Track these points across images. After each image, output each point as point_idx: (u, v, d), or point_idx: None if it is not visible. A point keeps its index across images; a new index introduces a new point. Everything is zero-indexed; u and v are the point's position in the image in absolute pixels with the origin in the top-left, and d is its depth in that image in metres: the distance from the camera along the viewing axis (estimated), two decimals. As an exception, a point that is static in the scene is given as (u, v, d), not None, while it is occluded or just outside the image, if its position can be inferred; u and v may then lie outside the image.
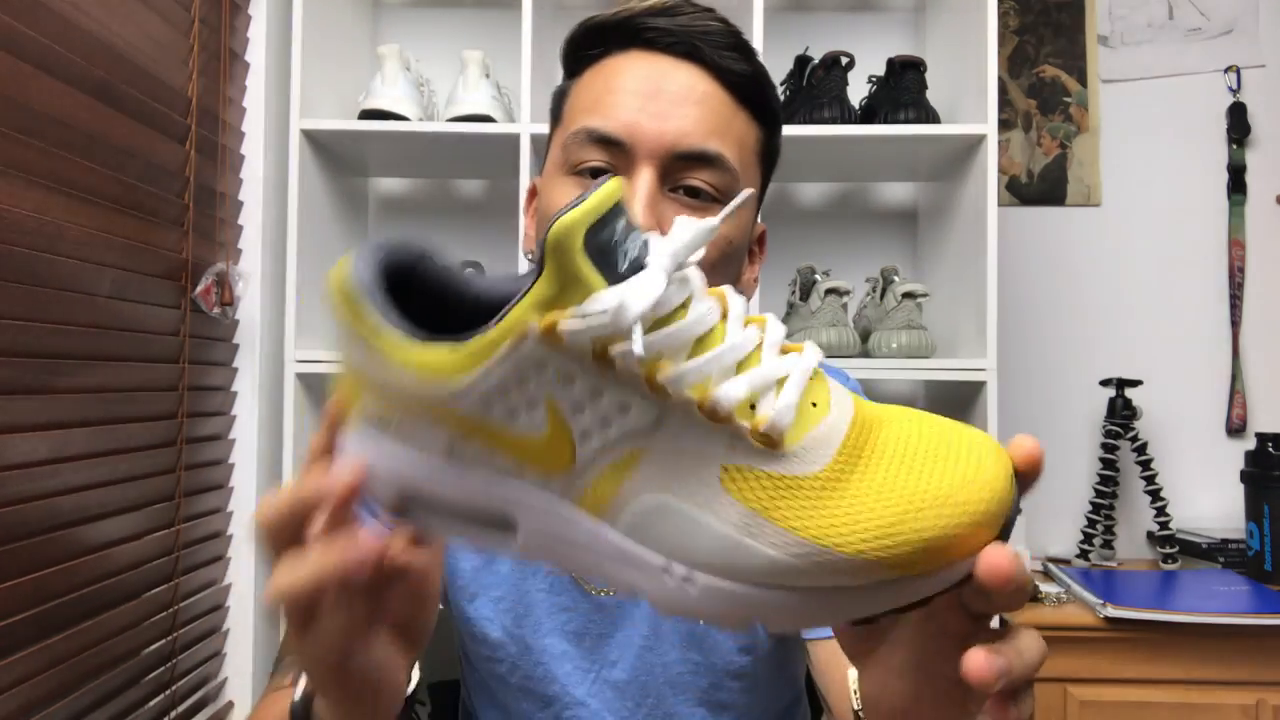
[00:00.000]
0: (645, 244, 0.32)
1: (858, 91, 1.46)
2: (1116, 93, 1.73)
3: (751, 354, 0.32)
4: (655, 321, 0.31)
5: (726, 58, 0.61)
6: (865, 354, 1.39)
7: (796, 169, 1.57)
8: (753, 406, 0.31)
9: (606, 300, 0.30)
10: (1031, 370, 1.70)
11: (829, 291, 1.38)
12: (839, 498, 0.30)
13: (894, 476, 0.31)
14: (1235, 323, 1.68)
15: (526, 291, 0.30)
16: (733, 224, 0.62)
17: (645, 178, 0.58)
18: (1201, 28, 1.72)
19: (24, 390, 0.92)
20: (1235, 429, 1.67)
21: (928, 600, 0.31)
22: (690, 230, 0.32)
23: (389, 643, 0.41)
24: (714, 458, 0.31)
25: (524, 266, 1.32)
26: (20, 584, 0.89)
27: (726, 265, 0.63)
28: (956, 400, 1.42)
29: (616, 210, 0.31)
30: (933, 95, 1.42)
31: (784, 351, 0.34)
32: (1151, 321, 1.70)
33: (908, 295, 1.36)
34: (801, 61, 1.48)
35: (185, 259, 1.20)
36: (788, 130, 1.35)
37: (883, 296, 1.44)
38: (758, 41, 1.34)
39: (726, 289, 0.34)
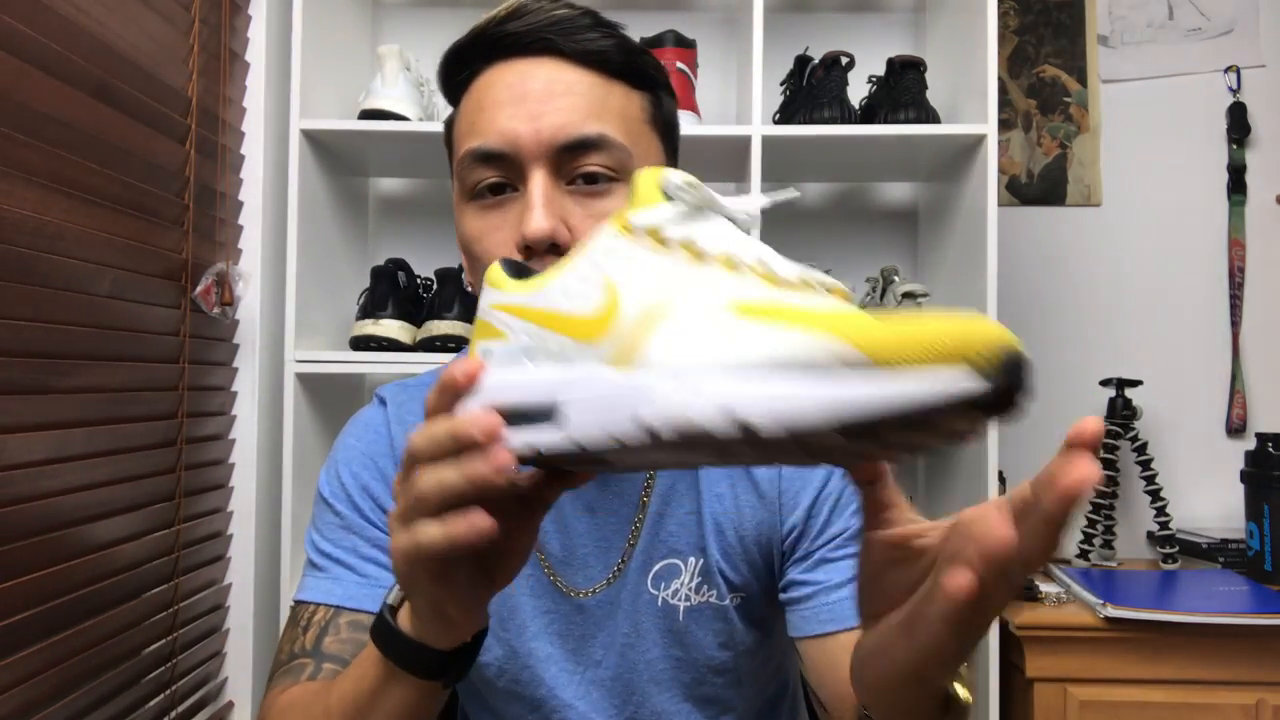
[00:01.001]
0: (700, 193, 0.40)
1: (858, 91, 1.46)
2: (1116, 93, 1.73)
3: (765, 275, 0.38)
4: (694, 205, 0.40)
5: (583, 40, 0.62)
6: (865, 354, 1.39)
7: (796, 169, 1.57)
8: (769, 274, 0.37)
9: (675, 181, 0.39)
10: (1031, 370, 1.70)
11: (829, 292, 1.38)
12: (838, 314, 0.32)
13: (901, 319, 0.31)
14: (1235, 323, 1.68)
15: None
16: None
17: (537, 180, 0.59)
18: (1201, 28, 1.72)
19: (24, 390, 0.92)
20: (1235, 429, 1.67)
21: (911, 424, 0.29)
22: (741, 199, 0.43)
23: (480, 573, 0.45)
24: (725, 293, 0.36)
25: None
26: (20, 584, 0.89)
27: None
28: (956, 400, 1.42)
29: (675, 180, 0.40)
30: (933, 95, 1.42)
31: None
32: (1151, 321, 1.70)
33: (908, 295, 1.36)
34: (801, 61, 1.48)
35: (185, 259, 1.20)
36: (788, 130, 1.36)
37: (883, 296, 1.44)
38: (758, 41, 1.34)
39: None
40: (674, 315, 0.36)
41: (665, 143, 0.68)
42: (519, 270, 0.45)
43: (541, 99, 0.60)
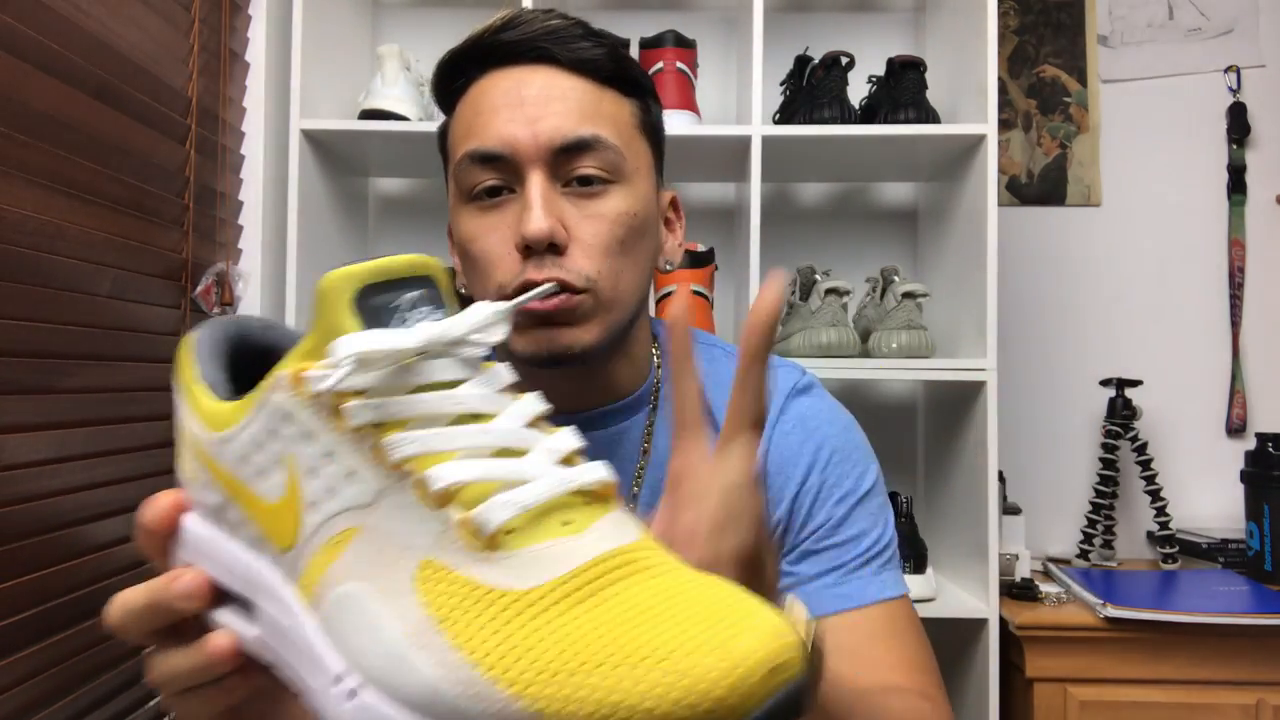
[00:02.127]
0: (437, 319, 0.30)
1: (858, 91, 1.46)
2: (1116, 93, 1.73)
3: (517, 450, 0.29)
4: (416, 387, 0.28)
5: (577, 49, 0.63)
6: (865, 354, 1.39)
7: (796, 169, 1.57)
8: (478, 501, 0.27)
9: (348, 346, 0.28)
10: (1031, 370, 1.70)
11: (829, 291, 1.38)
12: (533, 625, 0.24)
13: (616, 620, 0.24)
14: (1235, 323, 1.68)
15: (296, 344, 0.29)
16: (632, 196, 0.63)
17: (535, 181, 0.60)
18: (1201, 28, 1.72)
19: (24, 390, 0.92)
20: (1235, 429, 1.67)
21: None
22: (480, 312, 0.30)
23: None
24: (420, 548, 0.27)
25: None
26: (20, 584, 0.89)
27: (637, 239, 0.64)
28: (956, 400, 1.42)
29: (416, 282, 0.30)
30: (933, 95, 1.42)
31: (566, 462, 0.30)
32: (1151, 321, 1.70)
33: (908, 295, 1.36)
34: (801, 61, 1.48)
35: (185, 259, 1.20)
36: (788, 130, 1.36)
37: (883, 296, 1.44)
38: (758, 41, 1.34)
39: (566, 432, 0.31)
40: (352, 559, 0.28)
41: (653, 148, 0.69)
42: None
43: (538, 103, 0.61)
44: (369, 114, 1.36)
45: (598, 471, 0.30)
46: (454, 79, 0.67)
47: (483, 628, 0.25)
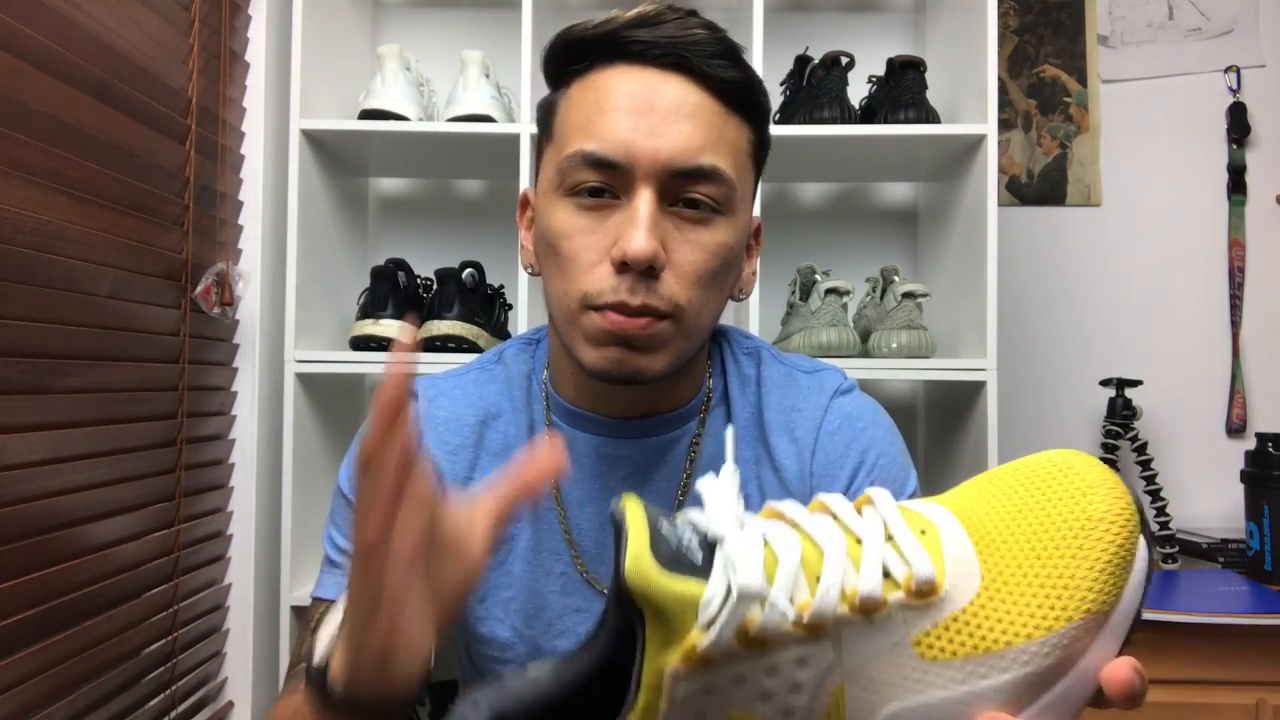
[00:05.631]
0: (691, 524, 0.32)
1: (858, 91, 1.46)
2: (1116, 93, 1.73)
3: (849, 544, 0.32)
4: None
5: (715, 66, 0.61)
6: (865, 354, 1.39)
7: (796, 169, 1.57)
8: (888, 576, 0.31)
9: (717, 592, 0.29)
10: (1031, 370, 1.70)
11: (829, 291, 1.38)
12: (1005, 599, 0.31)
13: (1027, 558, 0.31)
14: (1235, 323, 1.68)
15: (640, 657, 0.30)
16: (733, 229, 0.62)
17: (645, 199, 0.59)
18: (1201, 28, 1.72)
19: (24, 390, 0.92)
20: (1235, 429, 1.67)
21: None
22: (719, 486, 0.33)
23: (425, 601, 0.42)
24: (902, 644, 0.31)
25: (523, 276, 1.32)
26: (20, 584, 0.89)
27: (728, 270, 0.64)
28: (956, 400, 1.42)
29: (652, 521, 0.32)
30: (933, 95, 1.41)
31: (859, 508, 0.34)
32: (1151, 321, 1.70)
33: (908, 295, 1.36)
34: (801, 61, 1.48)
35: (185, 259, 1.20)
36: (788, 130, 1.36)
37: (883, 296, 1.44)
38: (758, 41, 1.34)
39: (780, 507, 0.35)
40: (861, 701, 0.31)
41: (757, 175, 0.68)
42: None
43: (666, 117, 0.59)
44: (369, 114, 1.36)
45: (881, 496, 0.35)
46: (575, 59, 0.64)
47: (991, 629, 0.31)
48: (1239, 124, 1.68)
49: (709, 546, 0.31)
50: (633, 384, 0.61)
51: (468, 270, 1.43)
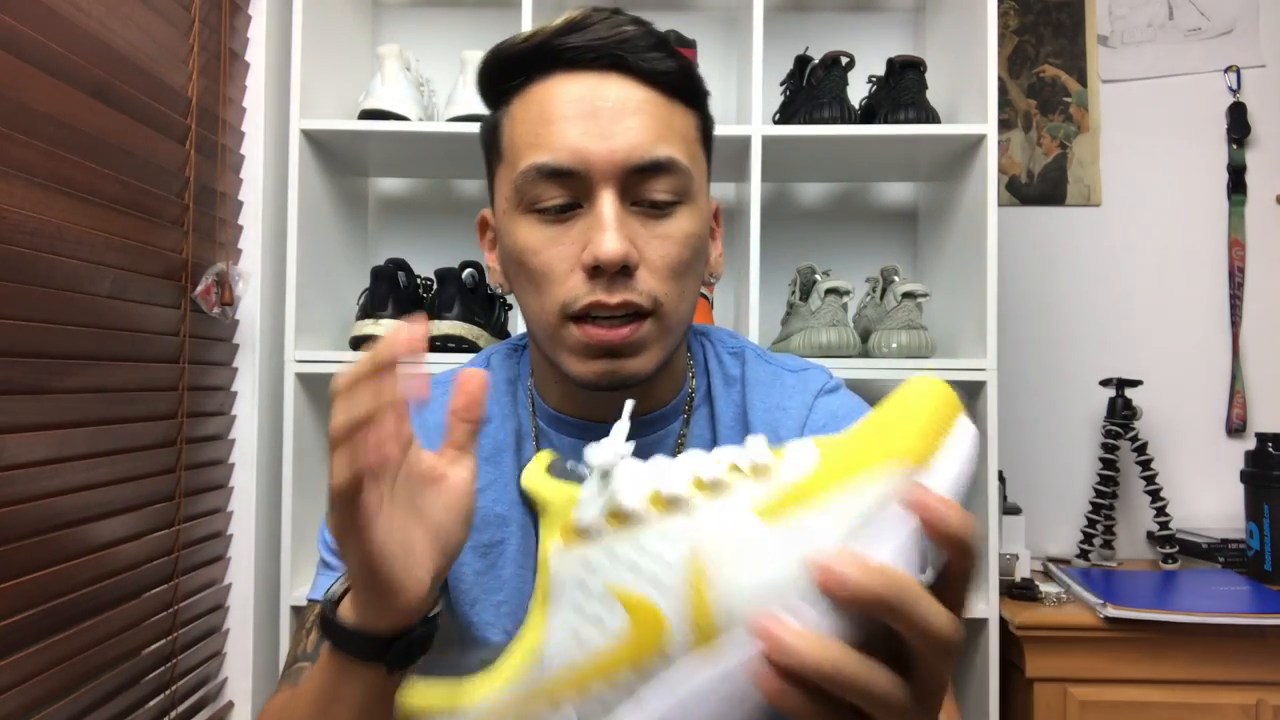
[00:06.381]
0: (587, 463, 0.39)
1: (858, 91, 1.46)
2: (1116, 93, 1.73)
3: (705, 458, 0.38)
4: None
5: (651, 59, 0.61)
6: (865, 354, 1.39)
7: (796, 169, 1.57)
8: (735, 469, 0.37)
9: (590, 487, 0.37)
10: (1031, 370, 1.70)
11: (829, 291, 1.38)
12: (835, 468, 0.35)
13: (855, 438, 0.36)
14: (1235, 323, 1.68)
15: (538, 548, 0.38)
16: (696, 216, 0.63)
17: (608, 200, 0.58)
18: (1201, 28, 1.72)
19: (24, 390, 0.92)
20: (1235, 429, 1.67)
21: None
22: (612, 436, 0.39)
23: (420, 539, 0.44)
24: (744, 513, 0.34)
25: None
26: (20, 584, 0.89)
27: (698, 258, 0.64)
28: (956, 400, 1.41)
29: (558, 459, 0.41)
30: (933, 95, 1.42)
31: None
32: (1151, 321, 1.70)
33: (908, 295, 1.36)
34: (801, 61, 1.48)
35: (185, 259, 1.20)
36: (788, 130, 1.36)
37: (883, 296, 1.44)
38: (758, 41, 1.34)
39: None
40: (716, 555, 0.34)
41: (708, 159, 0.68)
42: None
43: (613, 117, 0.59)
44: (369, 114, 1.36)
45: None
46: (510, 75, 0.63)
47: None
48: (1239, 124, 1.68)
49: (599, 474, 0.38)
50: (625, 389, 0.61)
51: (468, 270, 1.43)
